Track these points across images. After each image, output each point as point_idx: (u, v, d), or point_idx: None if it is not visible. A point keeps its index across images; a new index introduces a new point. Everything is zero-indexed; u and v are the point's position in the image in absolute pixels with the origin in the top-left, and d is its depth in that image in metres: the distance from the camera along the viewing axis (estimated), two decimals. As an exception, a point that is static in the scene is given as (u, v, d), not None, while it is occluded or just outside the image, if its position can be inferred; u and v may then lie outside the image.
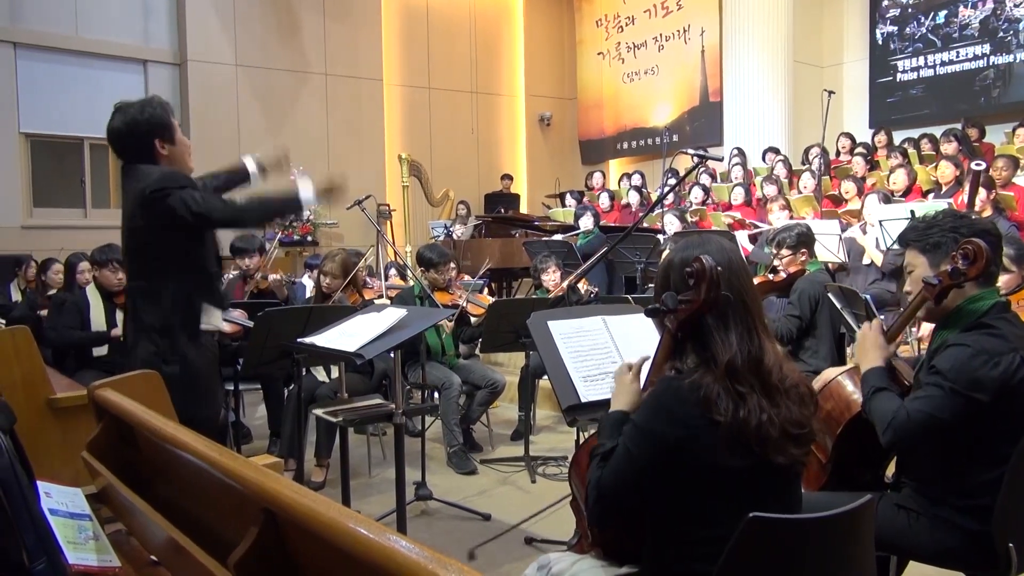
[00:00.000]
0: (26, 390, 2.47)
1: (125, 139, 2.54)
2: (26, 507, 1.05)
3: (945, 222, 2.00)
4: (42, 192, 9.23)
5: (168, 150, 2.56)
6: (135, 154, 2.56)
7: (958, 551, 1.93)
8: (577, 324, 2.32)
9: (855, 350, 2.13)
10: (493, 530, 3.58)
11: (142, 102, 2.57)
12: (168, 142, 2.56)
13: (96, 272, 4.64)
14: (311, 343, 2.84)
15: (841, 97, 9.99)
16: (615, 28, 12.59)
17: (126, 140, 2.54)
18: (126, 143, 2.55)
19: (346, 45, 10.90)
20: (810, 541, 1.42)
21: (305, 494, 1.04)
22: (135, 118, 2.52)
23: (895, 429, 1.88)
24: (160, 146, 2.55)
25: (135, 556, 1.58)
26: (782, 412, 1.48)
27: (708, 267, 1.49)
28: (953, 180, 6.37)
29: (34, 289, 6.93)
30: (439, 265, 5.03)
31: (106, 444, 1.81)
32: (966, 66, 9.24)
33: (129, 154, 2.57)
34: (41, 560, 1.05)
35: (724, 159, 9.31)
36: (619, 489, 1.53)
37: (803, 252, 4.18)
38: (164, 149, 2.55)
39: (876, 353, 2.05)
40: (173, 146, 2.58)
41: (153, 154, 2.54)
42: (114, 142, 2.57)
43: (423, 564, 0.81)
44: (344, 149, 10.79)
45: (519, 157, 13.04)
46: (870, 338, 2.08)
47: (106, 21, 9.32)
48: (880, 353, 2.05)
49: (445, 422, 4.59)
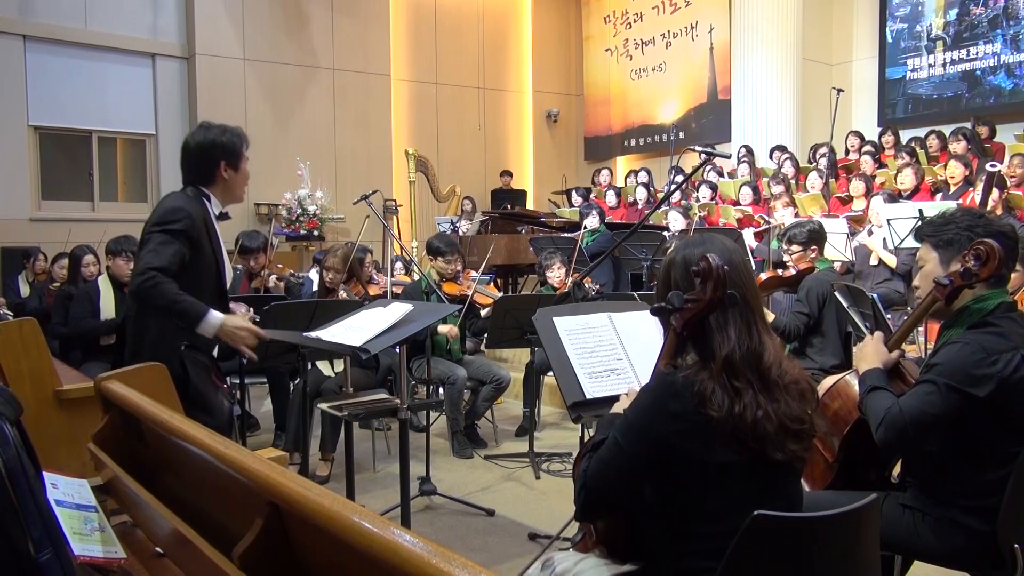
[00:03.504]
0: (33, 382, 2.49)
1: (199, 153, 2.70)
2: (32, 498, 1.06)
3: (963, 220, 1.99)
4: (50, 185, 9.26)
5: (229, 175, 2.74)
6: (199, 169, 2.71)
7: (963, 551, 1.92)
8: (583, 321, 2.32)
9: (855, 357, 2.13)
10: (497, 525, 3.59)
11: (225, 126, 2.76)
12: (232, 168, 2.73)
13: (110, 261, 4.68)
14: (317, 337, 2.84)
15: (850, 95, 9.95)
16: (623, 24, 12.56)
17: (200, 153, 2.70)
18: (196, 156, 2.71)
19: (354, 40, 10.89)
20: (815, 539, 1.42)
21: (310, 488, 1.05)
22: (215, 138, 2.71)
23: (886, 425, 1.87)
24: (224, 169, 2.71)
25: (140, 547, 1.59)
26: (781, 407, 1.48)
27: (715, 266, 1.49)
28: (962, 180, 6.33)
29: (43, 282, 6.96)
30: (447, 254, 5.04)
31: (112, 436, 1.81)
32: (976, 64, 9.18)
33: (194, 167, 2.72)
34: (47, 551, 1.05)
35: (732, 156, 9.28)
36: (604, 481, 1.53)
37: (813, 249, 4.16)
38: (226, 173, 2.72)
39: (875, 358, 2.06)
40: (236, 174, 2.75)
41: (215, 175, 2.71)
42: (187, 153, 2.73)
43: (427, 558, 0.82)
44: (351, 144, 10.79)
45: (526, 153, 13.02)
46: (871, 346, 2.10)
47: (115, 14, 9.34)
48: (880, 358, 2.06)
49: (448, 411, 4.68)
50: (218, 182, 2.73)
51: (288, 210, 9.75)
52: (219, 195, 2.75)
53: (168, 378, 2.13)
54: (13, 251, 7.87)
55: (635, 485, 1.52)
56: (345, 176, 10.47)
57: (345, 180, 10.34)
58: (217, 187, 2.73)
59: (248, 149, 2.81)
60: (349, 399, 3.16)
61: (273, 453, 1.93)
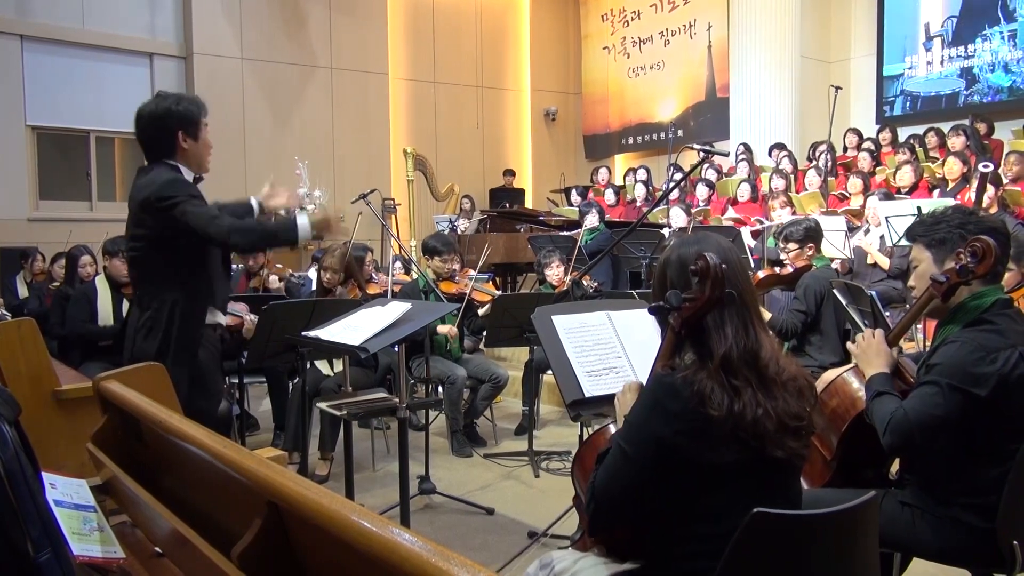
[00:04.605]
0: (32, 382, 2.48)
1: (153, 123, 2.62)
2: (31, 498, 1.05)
3: (953, 218, 1.99)
4: (48, 185, 9.25)
5: (189, 145, 2.65)
6: (156, 142, 2.63)
7: (962, 548, 1.92)
8: (581, 319, 2.32)
9: (857, 356, 2.12)
10: (496, 524, 3.59)
11: (180, 95, 2.68)
12: (191, 137, 2.65)
13: (107, 262, 4.66)
14: (316, 336, 2.84)
15: (848, 93, 9.95)
16: (621, 23, 12.55)
17: (154, 123, 2.62)
18: (151, 127, 2.62)
19: (352, 39, 10.89)
20: (814, 537, 1.42)
21: (309, 487, 1.05)
22: (169, 107, 2.61)
23: (893, 430, 1.87)
24: (183, 139, 2.63)
25: (140, 547, 1.59)
26: (779, 405, 1.48)
27: (713, 264, 1.49)
28: (960, 176, 6.34)
29: (43, 282, 6.96)
30: (444, 253, 5.04)
31: (111, 436, 1.81)
32: (974, 62, 9.18)
33: (151, 141, 2.64)
34: (46, 551, 1.05)
35: (730, 154, 9.28)
36: (614, 489, 1.51)
37: (810, 247, 4.17)
38: (186, 143, 2.64)
39: (880, 360, 2.04)
40: (195, 142, 2.66)
41: (174, 146, 2.62)
42: (141, 126, 2.64)
43: (426, 557, 0.82)
44: (349, 143, 10.79)
45: (524, 152, 13.02)
46: (874, 345, 2.07)
47: (112, 14, 9.33)
48: (885, 360, 2.04)
49: (448, 410, 4.67)
50: (179, 152, 2.64)
51: (286, 210, 9.72)
52: (186, 165, 2.66)
53: (167, 378, 2.12)
54: (11, 251, 7.86)
55: (643, 489, 1.50)
56: (343, 175, 10.47)
57: (343, 179, 10.33)
58: (180, 158, 2.64)
59: (207, 116, 2.71)
60: (348, 398, 3.15)
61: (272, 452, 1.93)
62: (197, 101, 2.69)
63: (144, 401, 1.64)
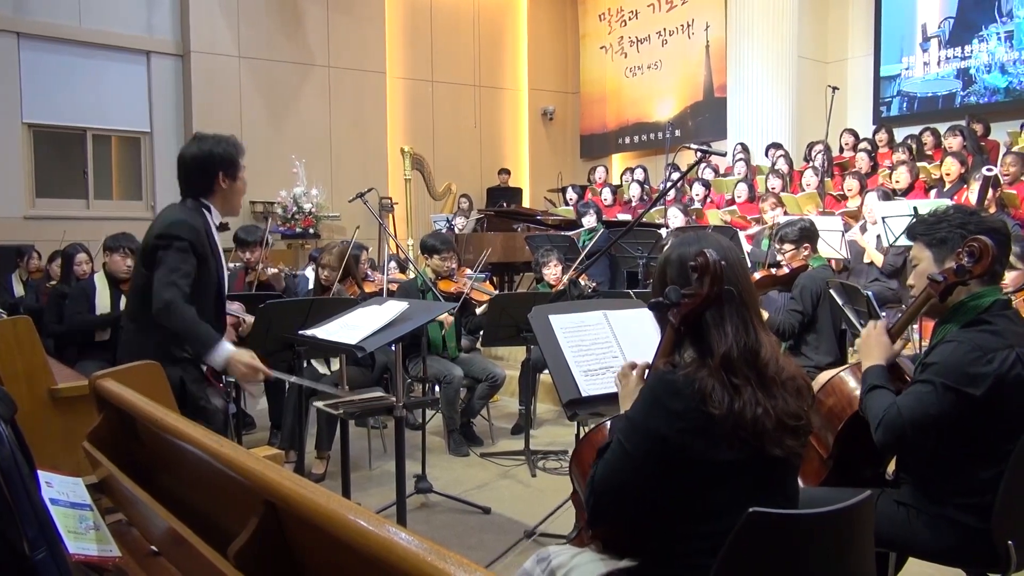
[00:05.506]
0: (28, 380, 2.48)
1: (197, 166, 2.69)
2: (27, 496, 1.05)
3: (954, 218, 2.00)
4: (44, 183, 9.22)
5: (227, 185, 2.73)
6: (197, 181, 2.70)
7: (957, 548, 1.93)
8: (579, 318, 2.32)
9: (858, 348, 2.12)
10: (493, 523, 3.59)
11: (219, 137, 2.74)
12: (230, 178, 2.73)
13: (107, 258, 4.66)
14: (312, 335, 2.84)
15: (845, 93, 9.96)
16: (618, 22, 12.55)
17: (197, 166, 2.69)
18: (194, 169, 2.70)
19: (349, 38, 10.87)
20: (810, 536, 1.42)
21: (305, 486, 1.04)
22: (211, 149, 2.69)
23: (885, 426, 1.87)
24: (222, 180, 2.71)
25: (136, 546, 1.59)
26: (778, 404, 1.48)
27: (712, 261, 1.49)
28: (957, 177, 6.34)
29: (38, 280, 6.94)
30: (442, 252, 5.04)
31: (107, 434, 1.81)
32: (971, 62, 9.20)
33: (193, 180, 2.71)
34: (42, 549, 1.05)
35: (727, 154, 9.29)
36: (613, 485, 1.52)
37: (806, 247, 4.17)
38: (224, 184, 2.72)
39: (879, 352, 2.04)
40: (233, 183, 2.74)
41: (212, 187, 2.70)
42: (183, 166, 2.72)
43: (422, 556, 0.81)
44: (346, 142, 10.77)
45: (521, 151, 13.01)
46: (874, 337, 2.08)
47: (109, 12, 9.30)
48: (883, 352, 2.04)
49: (445, 410, 4.68)
50: (217, 193, 2.72)
51: (284, 208, 9.73)
52: (218, 206, 2.74)
53: (163, 376, 2.12)
54: (7, 249, 7.84)
55: (642, 486, 1.51)
56: (341, 174, 10.45)
57: (341, 178, 10.32)
58: (216, 198, 2.73)
59: (243, 158, 2.79)
60: (345, 397, 3.15)
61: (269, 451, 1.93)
62: (234, 141, 2.76)
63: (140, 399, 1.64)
